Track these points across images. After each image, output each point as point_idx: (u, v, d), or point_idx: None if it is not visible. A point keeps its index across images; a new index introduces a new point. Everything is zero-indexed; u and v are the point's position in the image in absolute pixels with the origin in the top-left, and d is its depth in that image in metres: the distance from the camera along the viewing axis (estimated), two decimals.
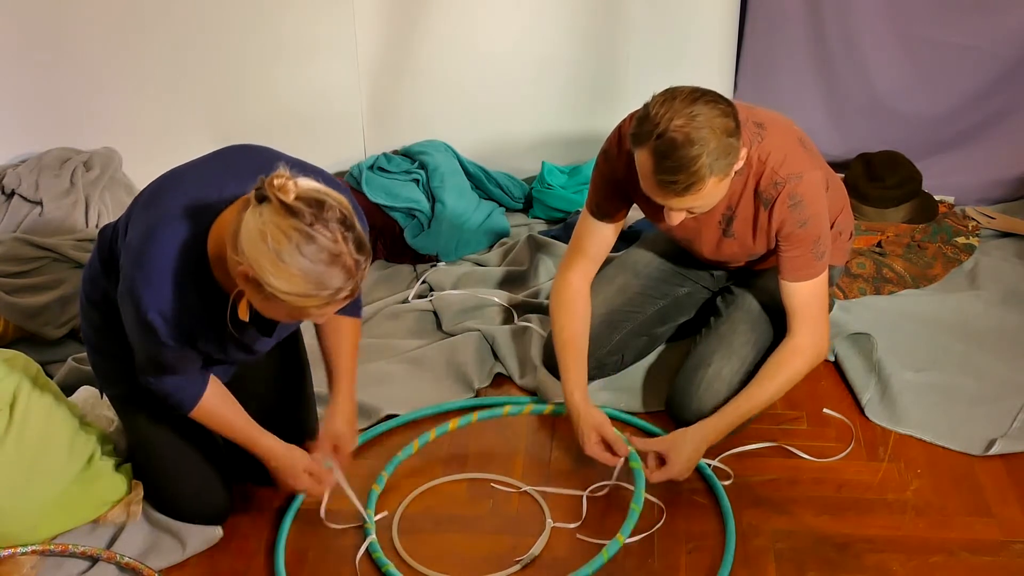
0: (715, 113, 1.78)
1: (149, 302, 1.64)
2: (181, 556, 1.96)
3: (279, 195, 1.47)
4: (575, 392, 2.13)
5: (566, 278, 2.23)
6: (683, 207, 1.89)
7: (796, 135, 2.07)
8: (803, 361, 2.09)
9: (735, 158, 1.85)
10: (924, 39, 3.16)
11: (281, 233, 1.47)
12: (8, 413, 1.92)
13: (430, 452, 2.23)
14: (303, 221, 1.47)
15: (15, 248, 2.68)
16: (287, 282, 1.49)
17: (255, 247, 1.49)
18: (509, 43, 3.24)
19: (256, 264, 1.49)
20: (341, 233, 1.50)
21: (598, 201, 2.18)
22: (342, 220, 1.51)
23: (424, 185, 3.15)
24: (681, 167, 1.78)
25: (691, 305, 2.46)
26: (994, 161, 3.21)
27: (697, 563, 1.91)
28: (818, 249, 2.04)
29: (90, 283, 1.95)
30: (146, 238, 1.67)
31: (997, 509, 2.01)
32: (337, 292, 1.53)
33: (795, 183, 1.99)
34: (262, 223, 1.48)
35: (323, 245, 1.49)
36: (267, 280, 1.50)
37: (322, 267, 1.49)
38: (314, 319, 1.64)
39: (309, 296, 1.51)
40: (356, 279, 1.54)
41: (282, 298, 1.52)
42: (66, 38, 3.00)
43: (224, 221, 1.65)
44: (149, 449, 2.04)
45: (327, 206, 1.50)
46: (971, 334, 2.54)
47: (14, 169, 2.99)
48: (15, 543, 1.92)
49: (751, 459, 2.16)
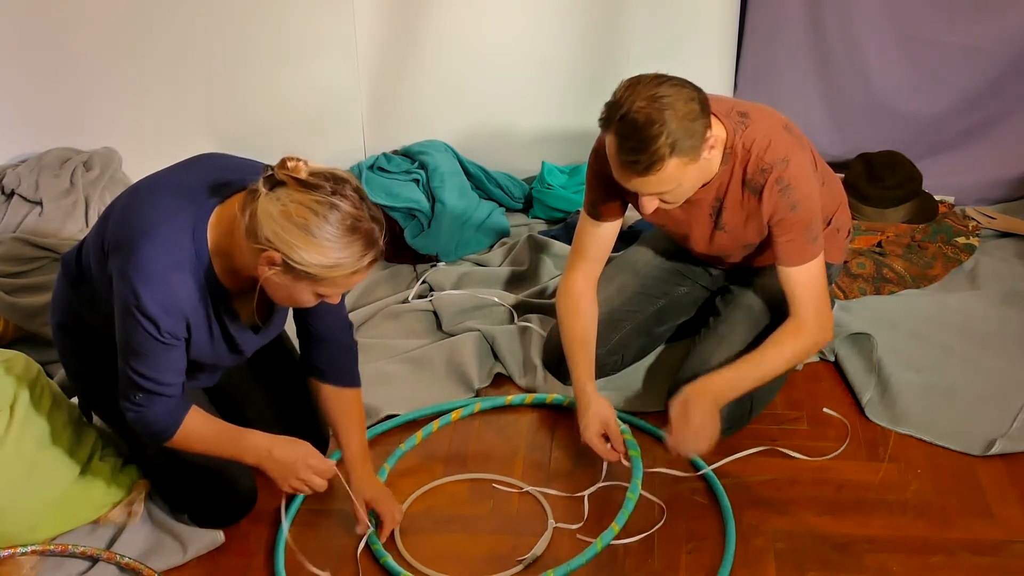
0: (678, 96, 1.82)
1: (148, 296, 1.63)
2: (182, 559, 1.96)
3: (294, 175, 1.54)
4: (587, 384, 2.12)
5: (568, 281, 2.23)
6: (650, 192, 1.92)
7: (780, 121, 2.07)
8: (808, 339, 2.07)
9: (699, 141, 1.86)
10: (924, 39, 3.16)
11: (305, 208, 1.54)
12: (8, 413, 1.92)
13: (431, 453, 2.23)
14: (324, 193, 1.55)
15: (15, 248, 2.68)
16: (319, 254, 1.56)
17: (281, 227, 1.55)
18: (509, 43, 3.25)
19: (284, 244, 1.55)
20: (358, 197, 1.59)
21: (593, 200, 2.19)
22: (356, 189, 1.60)
23: (424, 185, 3.15)
24: (641, 147, 1.82)
25: (690, 304, 2.46)
26: (994, 161, 3.21)
27: (697, 563, 1.91)
28: (810, 233, 2.03)
29: (61, 311, 1.95)
30: (140, 237, 1.66)
31: (997, 509, 2.00)
32: (363, 257, 1.60)
33: (782, 168, 1.99)
34: (282, 204, 1.55)
35: (347, 212, 1.57)
36: (298, 257, 1.56)
37: (349, 234, 1.57)
38: (338, 292, 1.68)
39: (339, 265, 1.59)
40: (378, 245, 1.62)
41: (314, 272, 1.58)
42: (66, 38, 3.01)
43: (225, 217, 1.67)
44: (164, 452, 1.95)
45: (341, 178, 1.58)
46: (971, 334, 2.54)
47: (14, 169, 3.00)
48: (15, 543, 1.92)
49: (751, 459, 2.16)
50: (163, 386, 1.75)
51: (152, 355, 1.71)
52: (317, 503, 2.09)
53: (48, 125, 3.09)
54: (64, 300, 1.93)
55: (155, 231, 1.66)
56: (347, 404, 2.01)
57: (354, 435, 2.02)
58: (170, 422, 1.80)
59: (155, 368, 1.72)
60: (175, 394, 1.78)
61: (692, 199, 2.09)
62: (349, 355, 2.02)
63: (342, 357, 2.00)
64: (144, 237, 1.66)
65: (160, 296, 1.64)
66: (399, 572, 1.89)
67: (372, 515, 1.99)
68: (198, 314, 1.71)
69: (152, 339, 1.68)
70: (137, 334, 1.68)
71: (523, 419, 2.34)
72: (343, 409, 2.01)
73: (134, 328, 1.67)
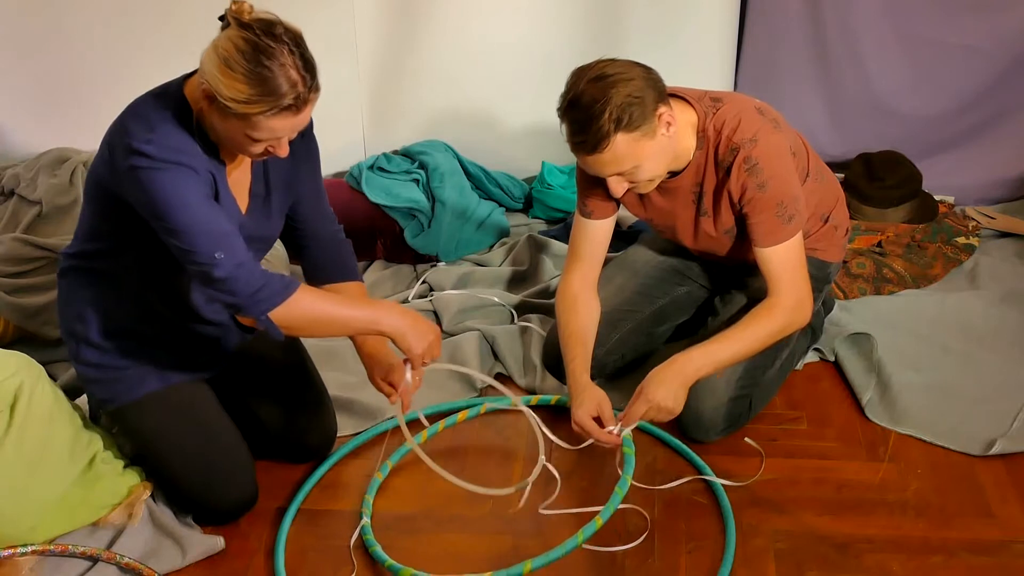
0: (622, 75, 1.87)
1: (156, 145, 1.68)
2: (181, 563, 1.95)
3: (234, 15, 1.60)
4: (582, 375, 2.10)
5: (565, 282, 2.23)
6: (610, 172, 1.95)
7: (753, 104, 2.08)
8: (781, 317, 2.05)
9: (647, 115, 1.88)
10: (924, 39, 3.17)
11: (230, 42, 1.61)
12: (9, 414, 1.92)
13: (430, 452, 2.22)
14: (251, 32, 1.60)
15: (15, 248, 2.68)
16: (233, 88, 1.60)
17: (209, 60, 1.62)
18: (509, 43, 3.25)
19: (210, 76, 1.61)
20: (288, 47, 1.62)
21: (583, 199, 2.19)
22: (292, 38, 1.64)
23: (424, 185, 3.16)
24: (587, 125, 1.87)
25: (690, 304, 2.46)
26: (994, 161, 3.21)
27: (697, 563, 1.91)
28: (784, 212, 2.02)
29: (78, 269, 1.95)
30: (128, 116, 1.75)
31: (997, 509, 2.00)
32: (281, 98, 1.62)
33: (749, 147, 2.00)
34: (218, 40, 1.63)
35: (268, 51, 1.60)
36: (218, 90, 1.61)
37: (266, 72, 1.60)
38: (267, 137, 1.68)
39: (253, 102, 1.61)
40: (301, 90, 1.63)
41: (232, 107, 1.61)
42: (66, 38, 3.01)
43: (194, 79, 1.76)
44: (169, 445, 1.99)
45: (277, 24, 1.63)
46: (971, 334, 2.54)
47: (14, 169, 3.00)
48: (14, 544, 1.91)
49: (751, 459, 2.16)
50: (221, 231, 1.70)
51: (191, 201, 1.68)
52: (318, 503, 2.10)
53: (48, 125, 3.09)
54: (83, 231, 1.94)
55: (140, 105, 1.75)
56: (349, 289, 2.07)
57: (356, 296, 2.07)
58: (268, 280, 1.72)
59: (205, 218, 1.69)
60: (237, 239, 1.72)
61: (671, 187, 2.10)
62: (342, 248, 2.08)
63: (335, 251, 2.07)
64: (131, 113, 1.75)
65: (166, 141, 1.69)
66: (385, 559, 1.91)
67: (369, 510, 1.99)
68: (202, 165, 1.74)
69: (180, 181, 1.68)
70: (166, 187, 1.67)
71: (523, 419, 2.34)
72: (346, 292, 2.06)
73: (160, 184, 1.66)
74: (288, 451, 2.18)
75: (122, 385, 1.99)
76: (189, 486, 2.00)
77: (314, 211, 2.04)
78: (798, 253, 2.06)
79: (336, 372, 2.43)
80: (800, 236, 2.06)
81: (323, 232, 2.06)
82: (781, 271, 2.05)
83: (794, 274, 2.06)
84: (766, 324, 2.05)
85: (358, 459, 2.23)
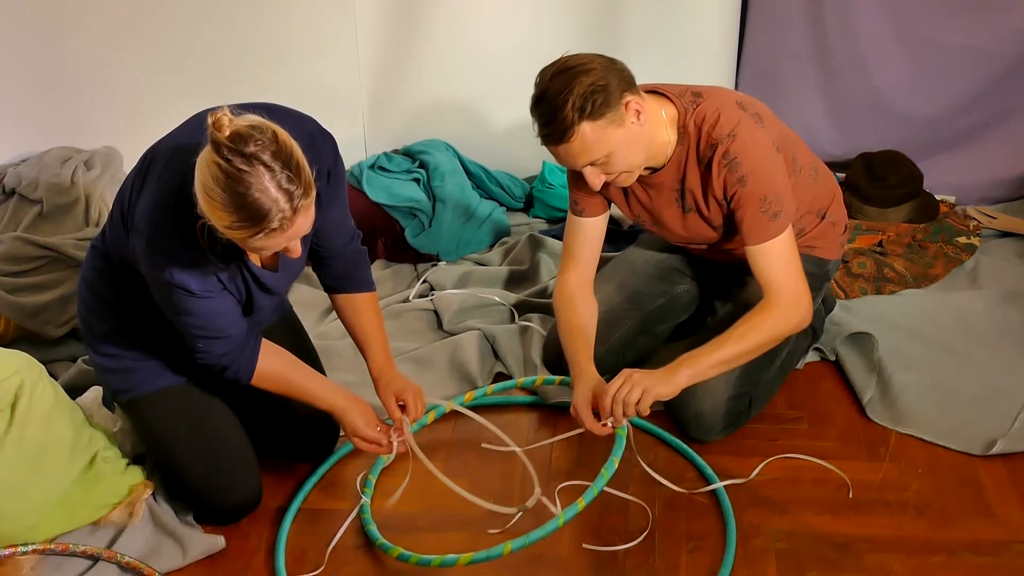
0: (585, 68, 1.88)
1: (172, 270, 1.70)
2: (181, 562, 1.95)
3: (213, 132, 1.50)
4: (584, 361, 2.08)
5: (560, 282, 2.23)
6: (582, 163, 1.95)
7: (734, 98, 2.06)
8: (778, 316, 2.01)
9: (611, 101, 1.88)
10: (924, 39, 3.16)
11: (206, 168, 1.52)
12: (9, 413, 1.92)
13: (431, 451, 2.22)
14: (221, 157, 1.49)
15: (15, 248, 2.68)
16: (215, 215, 1.54)
17: (197, 183, 1.54)
18: (510, 42, 3.25)
19: (198, 197, 1.55)
20: (263, 164, 1.50)
21: (574, 197, 2.20)
22: (270, 151, 1.51)
23: (425, 184, 3.16)
24: (552, 117, 1.88)
25: (689, 303, 2.46)
26: (995, 161, 3.21)
27: (697, 563, 1.91)
28: (768, 208, 1.99)
29: (99, 269, 1.97)
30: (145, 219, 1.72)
31: (998, 509, 2.00)
32: (266, 222, 1.53)
33: (728, 142, 1.99)
34: (200, 160, 1.53)
35: (240, 179, 1.50)
36: (205, 215, 1.56)
37: (244, 199, 1.51)
38: (261, 253, 1.72)
39: (236, 228, 1.54)
40: (285, 209, 1.54)
41: (221, 232, 1.57)
42: (67, 38, 3.01)
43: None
44: (177, 440, 2.01)
45: (250, 137, 1.50)
46: (972, 334, 2.54)
47: (14, 168, 3.00)
48: (15, 543, 1.91)
49: (751, 459, 2.16)
50: (221, 332, 1.83)
51: (198, 311, 1.78)
52: (318, 503, 2.10)
53: (48, 124, 3.10)
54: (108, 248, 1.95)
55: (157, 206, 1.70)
56: (363, 309, 2.08)
57: (375, 341, 2.08)
58: (240, 365, 1.88)
59: (207, 319, 1.80)
60: (236, 334, 1.85)
61: (653, 182, 2.10)
62: (358, 259, 2.08)
63: (351, 266, 2.07)
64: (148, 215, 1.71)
65: (181, 263, 1.70)
66: (378, 538, 1.94)
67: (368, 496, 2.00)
68: (230, 276, 1.78)
69: (191, 299, 1.75)
70: (176, 300, 1.75)
71: (523, 419, 2.35)
72: (360, 314, 2.08)
73: (171, 296, 1.75)
74: (288, 451, 2.18)
75: (138, 376, 2.01)
76: (194, 483, 2.01)
77: (338, 232, 2.01)
78: (789, 250, 2.03)
79: (337, 372, 2.43)
80: (790, 233, 2.03)
81: (344, 247, 2.04)
82: (771, 268, 2.02)
83: (787, 271, 2.02)
84: (761, 325, 2.01)
85: (358, 459, 2.23)
